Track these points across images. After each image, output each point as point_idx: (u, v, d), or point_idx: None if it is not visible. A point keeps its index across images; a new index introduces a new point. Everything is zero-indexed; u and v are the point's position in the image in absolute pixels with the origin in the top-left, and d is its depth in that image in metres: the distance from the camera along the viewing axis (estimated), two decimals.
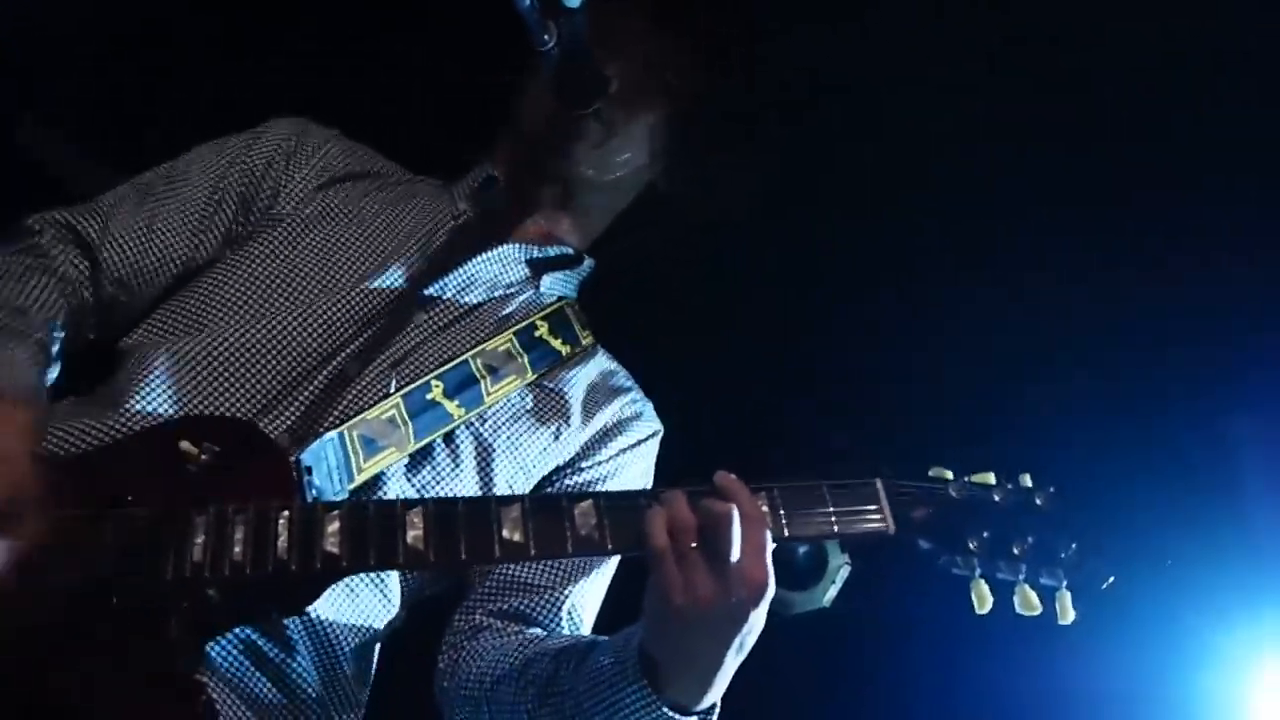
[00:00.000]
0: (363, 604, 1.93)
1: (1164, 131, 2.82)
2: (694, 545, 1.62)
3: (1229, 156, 2.83)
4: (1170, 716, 2.88)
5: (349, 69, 2.48)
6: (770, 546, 1.66)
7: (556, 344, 2.19)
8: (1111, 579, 1.79)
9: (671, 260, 2.92)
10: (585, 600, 2.06)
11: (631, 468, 2.18)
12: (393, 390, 1.96)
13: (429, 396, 1.98)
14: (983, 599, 1.78)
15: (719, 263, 3.10)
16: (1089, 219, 3.03)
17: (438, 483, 1.99)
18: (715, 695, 1.71)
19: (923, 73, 2.86)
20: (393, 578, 1.97)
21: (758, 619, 1.65)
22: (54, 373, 1.93)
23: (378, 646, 2.01)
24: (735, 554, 1.61)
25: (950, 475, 1.85)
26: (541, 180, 2.22)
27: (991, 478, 1.85)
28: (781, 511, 1.74)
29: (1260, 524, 2.82)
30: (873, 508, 1.78)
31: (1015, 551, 1.79)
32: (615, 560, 2.09)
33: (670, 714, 1.68)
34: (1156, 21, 2.71)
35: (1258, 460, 2.91)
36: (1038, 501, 1.83)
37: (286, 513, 1.68)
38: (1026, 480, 1.86)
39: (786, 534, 1.73)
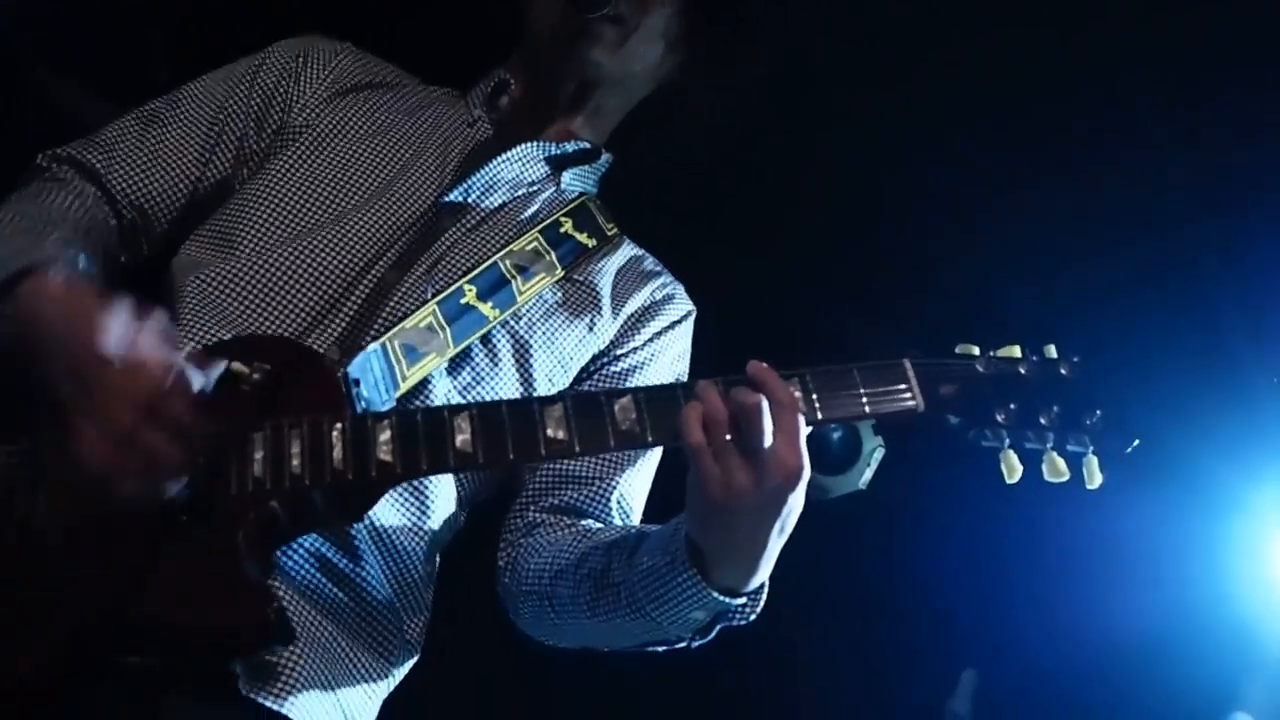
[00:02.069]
0: (423, 508, 2.01)
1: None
2: (728, 438, 1.66)
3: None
4: (1199, 567, 2.95)
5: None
6: (804, 431, 1.70)
7: (582, 238, 2.22)
8: (1136, 442, 1.83)
9: (690, 155, 2.93)
10: (633, 489, 2.13)
11: (668, 351, 2.23)
12: (429, 297, 2.01)
13: (463, 301, 2.02)
14: (1012, 468, 1.82)
15: (737, 156, 3.11)
16: (1108, 106, 3.04)
17: (478, 383, 2.04)
18: (762, 576, 1.77)
19: None
20: (448, 481, 2.04)
21: (796, 502, 1.70)
22: (85, 263, 1.95)
23: (441, 549, 2.09)
24: (768, 442, 1.65)
25: (976, 351, 1.88)
26: (557, 82, 2.24)
27: (1017, 351, 1.87)
28: (814, 395, 1.77)
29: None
30: (902, 387, 1.81)
31: (1042, 421, 1.82)
32: (659, 449, 2.15)
33: (719, 597, 1.76)
34: None
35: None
36: (1062, 371, 1.85)
37: (339, 425, 1.75)
38: (1051, 351, 1.88)
39: (820, 417, 1.77)
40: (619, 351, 2.19)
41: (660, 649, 1.91)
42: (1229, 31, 2.93)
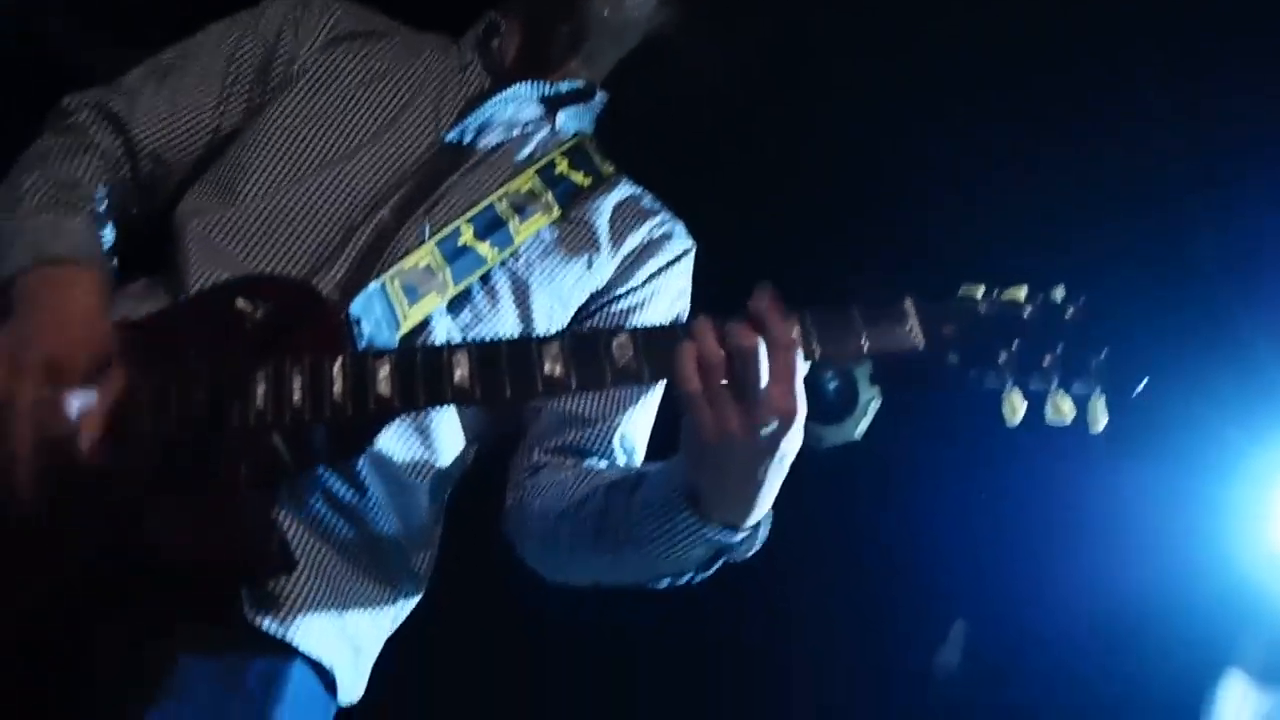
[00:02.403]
0: (428, 443, 2.02)
1: None
2: (723, 381, 1.64)
3: None
4: (1197, 525, 2.95)
5: None
6: (802, 371, 1.67)
7: (578, 177, 2.22)
8: (1145, 381, 1.80)
9: (690, 96, 2.93)
10: (635, 428, 2.13)
11: (668, 289, 2.23)
12: (427, 238, 2.02)
13: (460, 241, 2.03)
14: (1014, 410, 1.78)
15: (740, 97, 3.11)
16: (1109, 77, 3.04)
17: (479, 322, 2.05)
18: (760, 512, 1.75)
19: None
20: (451, 416, 2.05)
21: (791, 445, 1.67)
22: (109, 237, 2.02)
23: (447, 485, 2.10)
24: (763, 384, 1.63)
25: (980, 293, 1.86)
26: (552, 27, 2.24)
27: (1022, 293, 1.85)
28: (813, 334, 1.75)
29: None
30: (903, 326, 1.79)
31: (1046, 362, 1.79)
32: (660, 387, 2.13)
33: (716, 537, 1.75)
34: None
35: None
36: (1068, 312, 1.83)
37: (340, 360, 1.75)
38: (1058, 293, 1.85)
39: (819, 356, 1.74)
40: (618, 291, 2.18)
41: (664, 584, 1.90)
42: (1229, 3, 2.94)
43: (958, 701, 3.17)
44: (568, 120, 2.30)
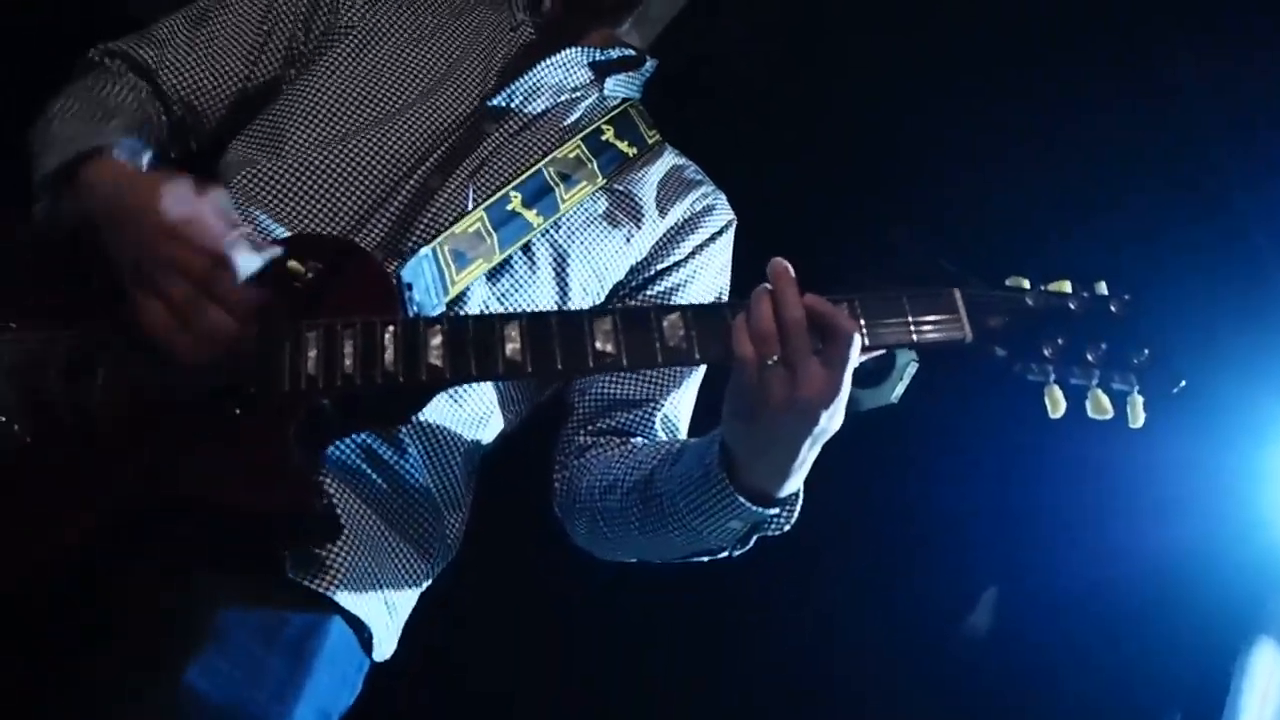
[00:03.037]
0: (469, 411, 2.03)
1: None
2: (774, 358, 1.65)
3: None
4: (1227, 491, 2.95)
5: None
6: (855, 360, 1.69)
7: (623, 146, 2.21)
8: (1183, 383, 1.83)
9: (735, 63, 2.91)
10: (678, 410, 2.14)
11: (710, 265, 2.23)
12: (470, 204, 2.01)
13: (509, 208, 2.03)
14: (1056, 403, 1.82)
15: (782, 65, 3.09)
16: (1128, 55, 3.01)
17: (517, 290, 2.05)
18: (795, 484, 1.78)
19: None
20: (492, 388, 2.06)
21: (832, 421, 1.70)
22: (143, 150, 1.98)
23: (481, 451, 2.11)
24: (812, 360, 1.65)
25: (1027, 284, 1.87)
26: None
27: (1068, 286, 1.86)
28: (862, 321, 1.77)
29: None
30: (951, 316, 1.80)
31: (1089, 358, 1.82)
32: (702, 369, 2.15)
33: (752, 508, 1.76)
34: None
35: None
36: (1112, 309, 1.85)
37: (392, 327, 1.74)
38: (1102, 288, 1.87)
39: (868, 343, 1.76)
40: (660, 266, 2.18)
41: (705, 559, 1.93)
42: None
43: (987, 667, 3.19)
44: (616, 86, 2.29)
